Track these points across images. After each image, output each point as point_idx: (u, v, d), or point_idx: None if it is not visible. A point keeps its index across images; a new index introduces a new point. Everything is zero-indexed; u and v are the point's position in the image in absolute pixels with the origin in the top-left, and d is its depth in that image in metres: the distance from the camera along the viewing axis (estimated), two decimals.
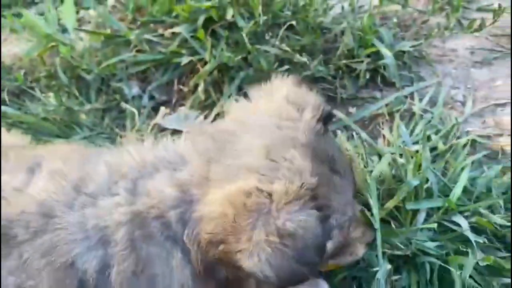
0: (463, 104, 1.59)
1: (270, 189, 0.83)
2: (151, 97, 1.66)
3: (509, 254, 1.14)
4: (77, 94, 1.63)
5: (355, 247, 1.07)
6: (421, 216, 1.20)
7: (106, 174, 0.95)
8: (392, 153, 1.36)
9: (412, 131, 1.48)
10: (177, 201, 0.89)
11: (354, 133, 1.49)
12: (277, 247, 0.80)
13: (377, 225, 1.17)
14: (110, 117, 1.59)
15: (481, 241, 1.13)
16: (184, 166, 0.92)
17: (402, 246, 1.15)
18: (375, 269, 1.12)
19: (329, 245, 0.90)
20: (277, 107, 0.97)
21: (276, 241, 0.80)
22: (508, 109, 1.56)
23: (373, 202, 1.20)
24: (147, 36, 1.72)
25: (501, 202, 1.22)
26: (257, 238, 0.80)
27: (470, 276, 1.09)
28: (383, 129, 1.50)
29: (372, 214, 1.17)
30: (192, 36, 1.67)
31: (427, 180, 1.26)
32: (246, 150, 0.89)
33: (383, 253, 1.16)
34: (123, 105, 1.59)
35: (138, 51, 1.71)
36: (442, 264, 1.10)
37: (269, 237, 0.80)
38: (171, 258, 0.90)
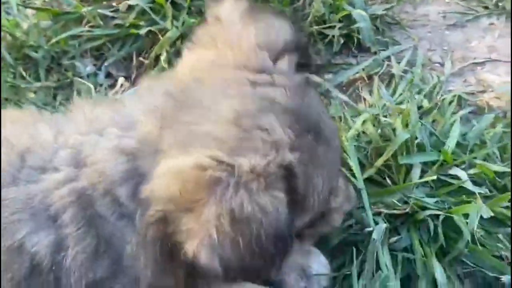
0: (442, 65, 1.52)
1: (233, 162, 0.66)
2: (108, 74, 1.51)
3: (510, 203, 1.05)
4: (24, 74, 1.46)
5: (332, 216, 0.93)
6: (416, 172, 1.10)
7: (51, 141, 0.82)
8: (376, 114, 1.27)
9: (393, 93, 1.39)
10: (126, 174, 0.73)
11: (332, 99, 1.39)
12: (227, 232, 0.63)
13: (360, 184, 1.07)
14: (63, 95, 1.42)
15: (483, 192, 1.04)
16: (132, 129, 0.76)
17: (399, 204, 1.05)
18: (367, 229, 1.00)
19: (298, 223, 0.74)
20: (246, 56, 0.78)
21: (226, 224, 0.63)
22: (488, 67, 1.51)
23: (353, 162, 1.10)
24: (101, 11, 1.57)
25: (497, 152, 1.14)
26: (204, 218, 0.64)
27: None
28: (362, 92, 1.41)
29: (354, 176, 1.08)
30: (150, 8, 1.54)
31: (416, 138, 1.17)
32: (209, 114, 0.71)
33: (379, 213, 1.05)
34: (77, 80, 1.43)
35: (91, 26, 1.56)
36: (448, 215, 0.99)
37: (219, 219, 0.63)
38: (125, 243, 0.75)
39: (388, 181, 1.11)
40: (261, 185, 0.65)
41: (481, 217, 1.00)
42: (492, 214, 1.00)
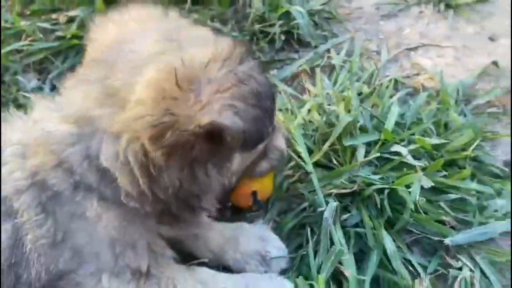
0: (378, 53, 1.60)
1: (199, 59, 0.74)
2: (53, 87, 1.49)
3: (448, 173, 1.13)
4: None
5: (279, 140, 0.99)
6: (360, 152, 1.16)
7: None
8: (320, 103, 1.33)
9: (335, 82, 1.46)
10: (74, 138, 0.78)
11: (279, 93, 1.44)
12: (236, 91, 0.73)
13: (310, 168, 1.12)
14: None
15: (422, 165, 1.12)
16: (69, 102, 0.81)
17: (347, 183, 1.10)
18: (320, 209, 1.05)
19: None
20: (150, 15, 0.88)
21: (233, 84, 0.73)
22: (420, 51, 1.60)
23: (301, 148, 1.16)
24: (40, 24, 1.56)
25: (432, 127, 1.22)
26: (211, 91, 0.72)
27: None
28: (306, 84, 1.47)
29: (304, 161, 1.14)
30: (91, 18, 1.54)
31: (358, 121, 1.24)
32: (142, 48, 0.79)
33: (329, 194, 1.10)
34: (22, 96, 1.40)
35: (32, 41, 1.55)
36: (392, 187, 1.05)
37: (223, 85, 0.72)
38: (87, 211, 0.77)
39: (336, 163, 1.17)
40: (236, 61, 0.75)
41: (422, 188, 1.07)
42: (432, 184, 1.07)
